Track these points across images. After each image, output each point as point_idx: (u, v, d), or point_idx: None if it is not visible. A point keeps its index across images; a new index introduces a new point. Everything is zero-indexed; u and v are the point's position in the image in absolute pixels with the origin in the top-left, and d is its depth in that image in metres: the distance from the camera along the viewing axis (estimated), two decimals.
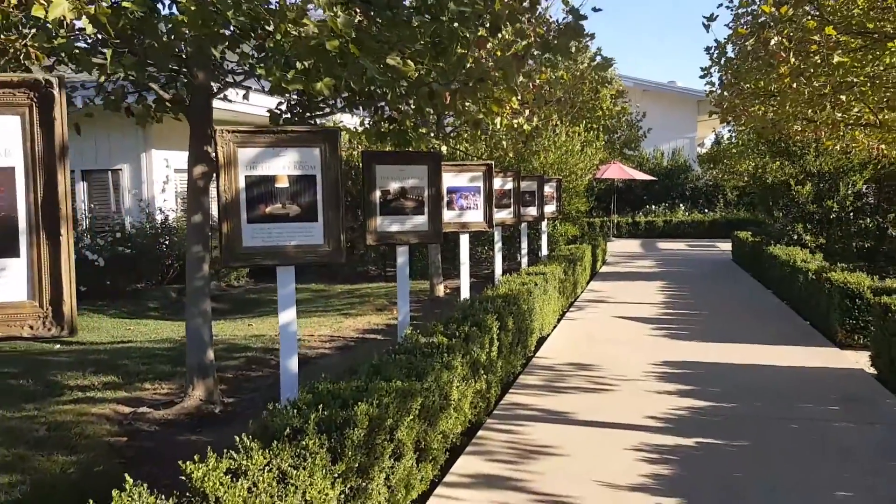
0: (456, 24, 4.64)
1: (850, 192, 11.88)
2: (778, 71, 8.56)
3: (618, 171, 22.69)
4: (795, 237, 12.27)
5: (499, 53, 5.68)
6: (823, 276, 7.82)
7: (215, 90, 5.74)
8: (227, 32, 4.60)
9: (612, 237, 23.69)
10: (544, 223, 12.86)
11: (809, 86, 8.70)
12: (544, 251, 12.73)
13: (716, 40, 15.03)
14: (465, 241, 7.78)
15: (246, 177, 4.17)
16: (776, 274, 10.85)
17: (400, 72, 4.55)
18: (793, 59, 8.20)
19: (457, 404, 4.33)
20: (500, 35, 5.53)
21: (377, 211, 5.86)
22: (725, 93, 14.87)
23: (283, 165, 4.19)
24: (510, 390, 5.93)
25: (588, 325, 8.85)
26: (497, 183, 9.40)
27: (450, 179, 7.64)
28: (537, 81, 8.72)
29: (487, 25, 4.85)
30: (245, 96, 7.09)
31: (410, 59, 4.63)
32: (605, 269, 15.34)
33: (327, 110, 6.52)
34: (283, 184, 4.20)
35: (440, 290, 10.95)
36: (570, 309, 10.05)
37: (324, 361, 7.31)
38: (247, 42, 4.72)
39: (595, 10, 9.12)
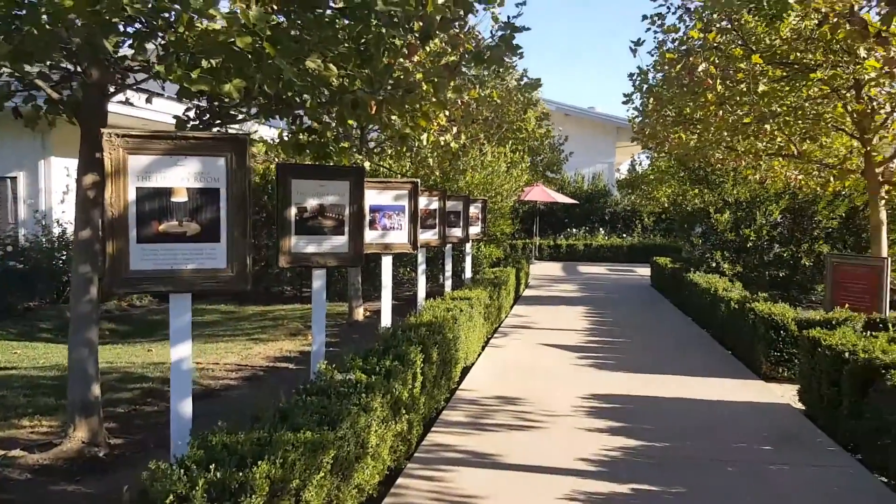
0: (384, 29, 4.22)
1: (766, 221, 12.09)
2: (704, 97, 8.55)
3: (540, 194, 22.75)
4: (714, 264, 12.38)
5: (429, 64, 5.29)
6: (747, 307, 7.75)
7: (112, 90, 5.11)
8: (122, 22, 4.03)
9: (535, 259, 23.70)
10: (469, 245, 12.55)
11: (734, 114, 8.72)
12: (468, 274, 12.41)
13: (638, 67, 15.20)
14: (387, 263, 7.33)
15: (137, 188, 3.61)
16: (697, 301, 10.86)
17: (321, 77, 4.10)
18: (719, 87, 8.18)
19: (375, 451, 3.86)
20: (430, 45, 5.16)
21: (292, 230, 5.35)
22: (647, 119, 15.04)
23: (182, 176, 3.65)
24: (433, 428, 5.49)
25: (514, 354, 8.52)
26: (422, 202, 9.01)
27: (373, 197, 7.18)
28: (466, 98, 8.40)
29: (417, 33, 4.46)
30: (149, 100, 6.44)
31: (333, 64, 4.18)
32: (528, 292, 15.16)
33: (241, 118, 5.96)
34: (181, 198, 3.66)
35: (359, 314, 10.43)
36: (495, 335, 9.72)
37: (229, 394, 6.70)
38: (146, 34, 4.16)
39: (524, 28, 8.95)
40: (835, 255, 7.79)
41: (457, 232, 10.99)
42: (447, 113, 8.35)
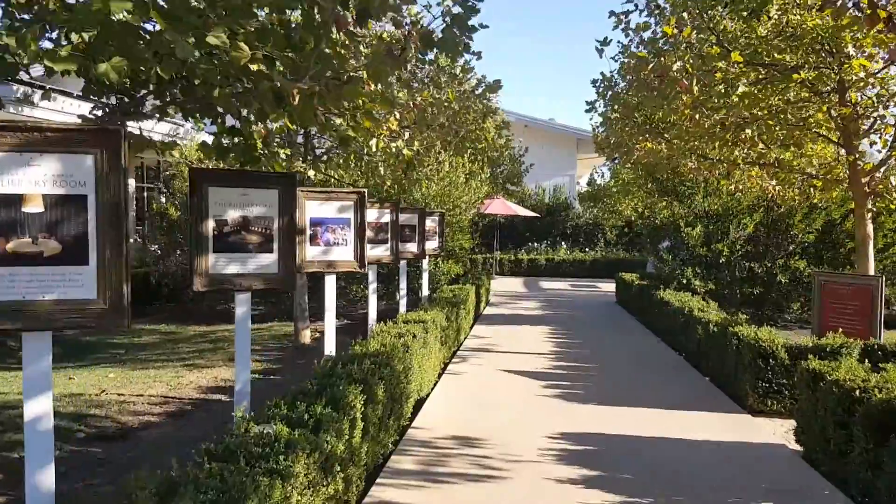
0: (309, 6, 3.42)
1: (740, 235, 11.55)
2: (678, 101, 7.92)
3: (501, 207, 22.10)
4: (685, 281, 11.78)
5: (368, 51, 4.50)
6: (730, 331, 7.09)
7: None
8: None
9: (496, 275, 23.00)
10: (426, 261, 11.75)
11: (710, 118, 8.10)
12: (425, 291, 11.61)
13: (602, 73, 14.63)
14: (330, 283, 6.49)
15: None
16: (668, 322, 10.22)
17: (231, 59, 3.26)
18: (695, 89, 7.56)
19: None
20: (371, 31, 4.36)
21: (209, 247, 4.50)
22: (613, 127, 14.45)
23: (37, 179, 2.79)
24: (378, 478, 4.65)
25: (473, 382, 7.72)
26: (372, 215, 8.19)
27: (314, 209, 6.35)
28: (419, 100, 7.63)
29: (353, 8, 3.65)
30: (46, 97, 5.52)
31: (247, 44, 3.35)
32: (489, 310, 14.40)
33: (152, 113, 5.08)
34: (34, 207, 2.79)
35: (306, 337, 9.52)
36: (454, 359, 8.90)
37: (146, 434, 5.79)
38: None
39: (482, 26, 8.29)
40: (822, 273, 7.17)
41: (411, 247, 10.19)
42: (397, 115, 7.54)
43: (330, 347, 6.26)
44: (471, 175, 13.00)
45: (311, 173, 7.98)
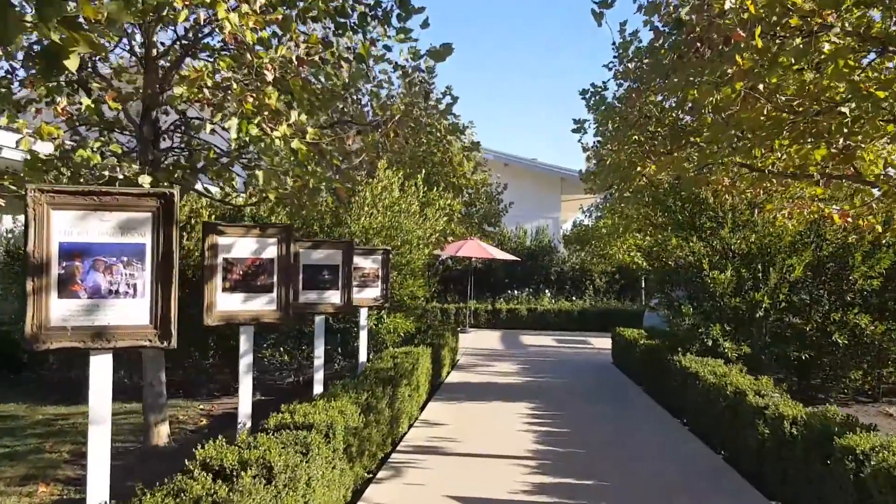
0: None
1: (785, 279, 8.56)
2: (729, 67, 5.00)
3: (476, 249, 19.08)
4: (709, 342, 8.76)
5: None
6: (837, 446, 4.05)
7: None
8: None
9: (469, 328, 19.84)
10: (363, 315, 8.68)
11: (773, 99, 5.19)
12: (362, 358, 8.53)
13: (592, 85, 11.87)
14: (100, 368, 3.40)
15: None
16: (698, 402, 7.18)
17: None
18: (758, 41, 4.65)
19: None
20: None
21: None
22: (608, 146, 11.59)
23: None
24: None
25: None
26: (242, 247, 5.17)
27: (67, 228, 3.32)
28: (299, 53, 4.70)
29: None
30: None
31: None
32: (454, 376, 11.24)
33: None
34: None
35: (162, 435, 6.27)
36: (377, 477, 5.71)
37: None
38: None
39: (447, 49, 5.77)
40: None
41: (332, 296, 7.14)
42: (270, 73, 4.54)
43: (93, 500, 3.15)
44: (427, 203, 10.01)
45: (144, 180, 4.92)
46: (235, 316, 5.13)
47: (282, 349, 9.42)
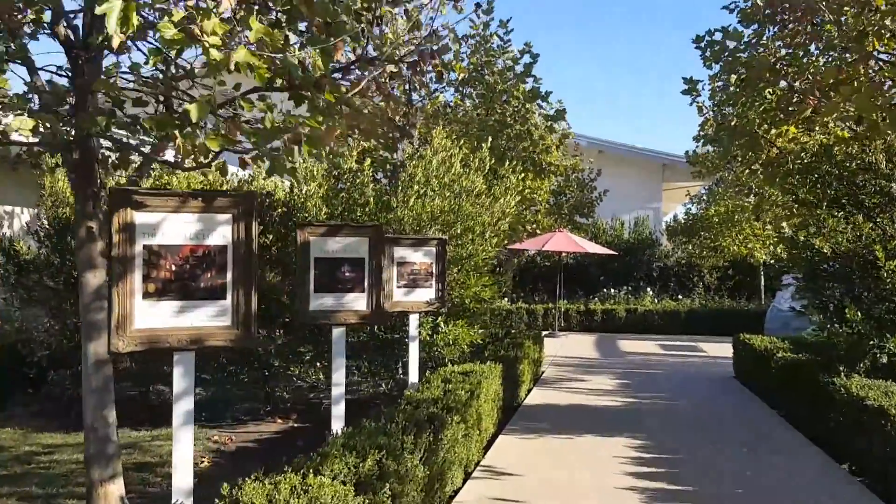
0: None
1: None
2: None
3: (565, 243, 16.85)
4: (884, 358, 6.34)
5: None
6: None
7: None
8: None
9: (558, 332, 17.60)
10: (413, 324, 6.79)
11: None
12: (412, 377, 6.67)
13: (708, 32, 9.53)
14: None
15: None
16: (883, 451, 4.86)
17: None
18: None
19: None
20: None
21: None
22: (732, 108, 9.22)
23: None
24: None
25: None
26: (184, 227, 3.32)
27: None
28: None
29: None
30: None
31: None
32: (536, 394, 9.14)
33: None
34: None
35: (110, 498, 4.50)
36: None
37: None
38: None
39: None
40: None
41: (356, 301, 5.28)
42: None
43: None
44: (496, 178, 7.95)
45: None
46: (163, 337, 3.28)
47: (319, 364, 7.62)
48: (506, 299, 19.05)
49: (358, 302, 5.15)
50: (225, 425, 7.67)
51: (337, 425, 5.09)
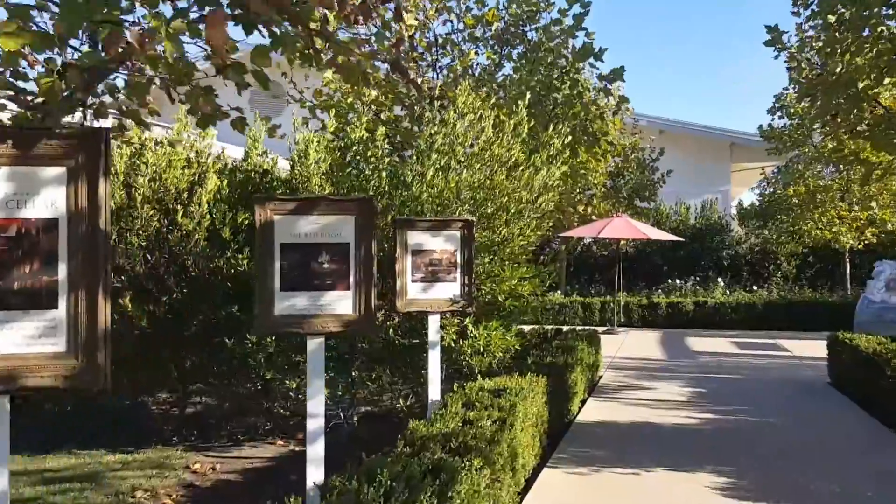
0: None
1: None
2: None
3: (625, 229, 15.16)
4: None
5: None
6: None
7: None
8: None
9: (617, 328, 15.92)
10: (433, 326, 5.41)
11: None
12: (433, 395, 5.33)
13: None
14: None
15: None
16: None
17: None
18: None
19: None
20: None
21: None
22: (828, 58, 7.62)
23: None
24: None
25: None
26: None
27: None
28: None
29: None
30: None
31: None
32: (591, 408, 7.61)
33: None
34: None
35: None
36: None
37: None
38: None
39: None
40: None
41: (338, 302, 3.87)
42: None
43: None
44: (541, 145, 6.43)
45: None
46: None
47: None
48: (559, 292, 17.46)
49: (341, 303, 3.74)
50: (217, 447, 6.44)
51: (314, 475, 3.71)
